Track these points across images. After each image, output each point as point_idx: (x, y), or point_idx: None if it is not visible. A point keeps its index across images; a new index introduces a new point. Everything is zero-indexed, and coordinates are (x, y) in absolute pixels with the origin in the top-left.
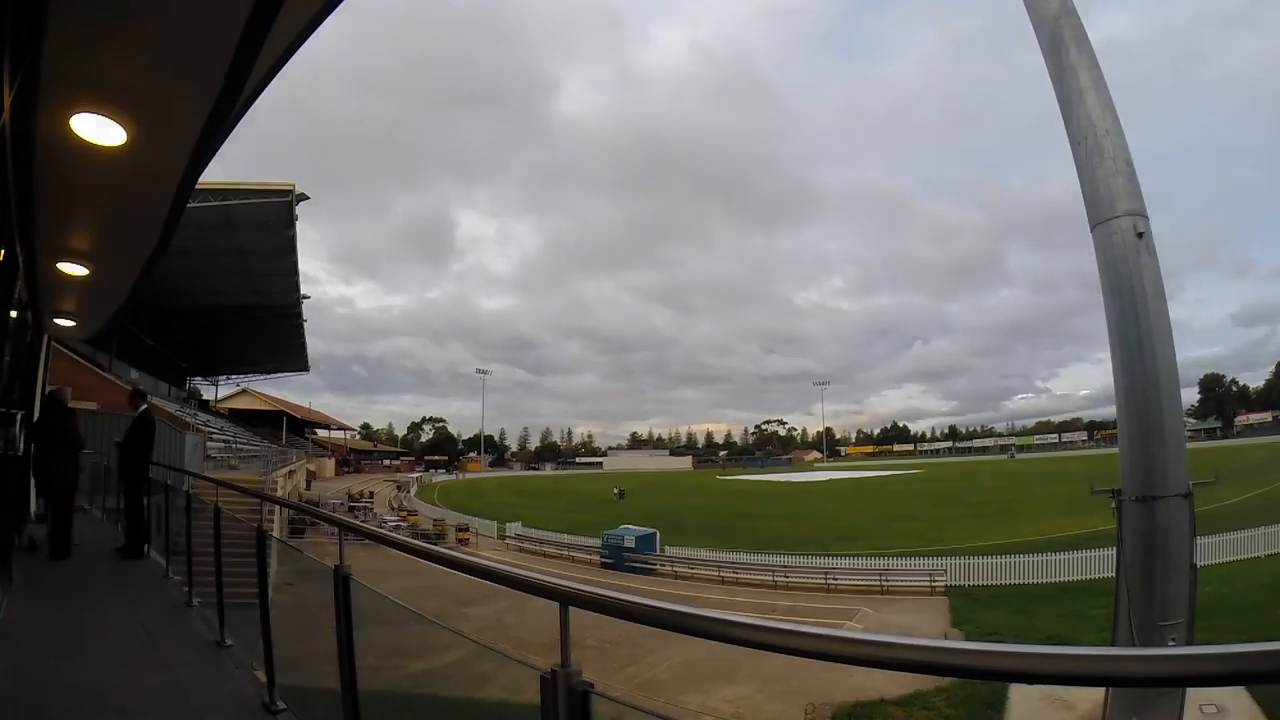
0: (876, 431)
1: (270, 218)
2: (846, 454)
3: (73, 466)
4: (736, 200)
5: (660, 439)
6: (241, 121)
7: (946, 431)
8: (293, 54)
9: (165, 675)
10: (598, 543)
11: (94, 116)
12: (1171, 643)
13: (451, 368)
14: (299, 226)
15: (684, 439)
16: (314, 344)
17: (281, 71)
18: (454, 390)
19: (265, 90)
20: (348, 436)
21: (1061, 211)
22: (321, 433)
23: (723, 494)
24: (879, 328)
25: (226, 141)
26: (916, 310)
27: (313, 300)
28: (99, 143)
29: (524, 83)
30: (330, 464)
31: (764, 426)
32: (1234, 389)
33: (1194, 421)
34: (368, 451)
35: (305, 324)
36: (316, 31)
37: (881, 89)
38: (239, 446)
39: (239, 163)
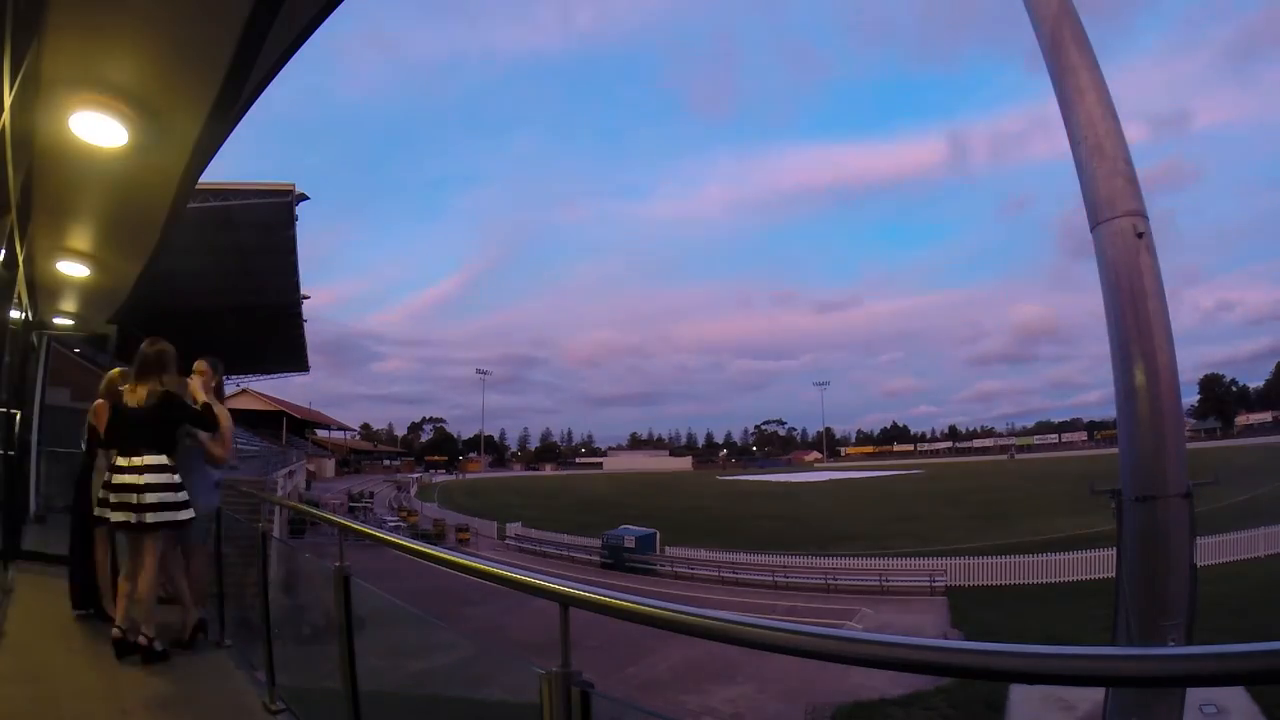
0: (876, 431)
1: (270, 218)
2: (846, 454)
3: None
4: None
5: (660, 439)
6: (241, 121)
7: (946, 431)
8: (293, 54)
9: (165, 675)
10: (598, 543)
11: (94, 116)
12: (1171, 643)
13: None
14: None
15: (684, 439)
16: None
17: (281, 71)
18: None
19: (265, 90)
20: (348, 437)
21: None
22: (321, 433)
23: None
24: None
25: (227, 141)
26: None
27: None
28: (99, 143)
29: None
30: (330, 464)
31: (764, 427)
32: (1234, 389)
33: (1194, 421)
34: (368, 452)
35: (305, 324)
36: (316, 32)
37: None
38: (239, 446)
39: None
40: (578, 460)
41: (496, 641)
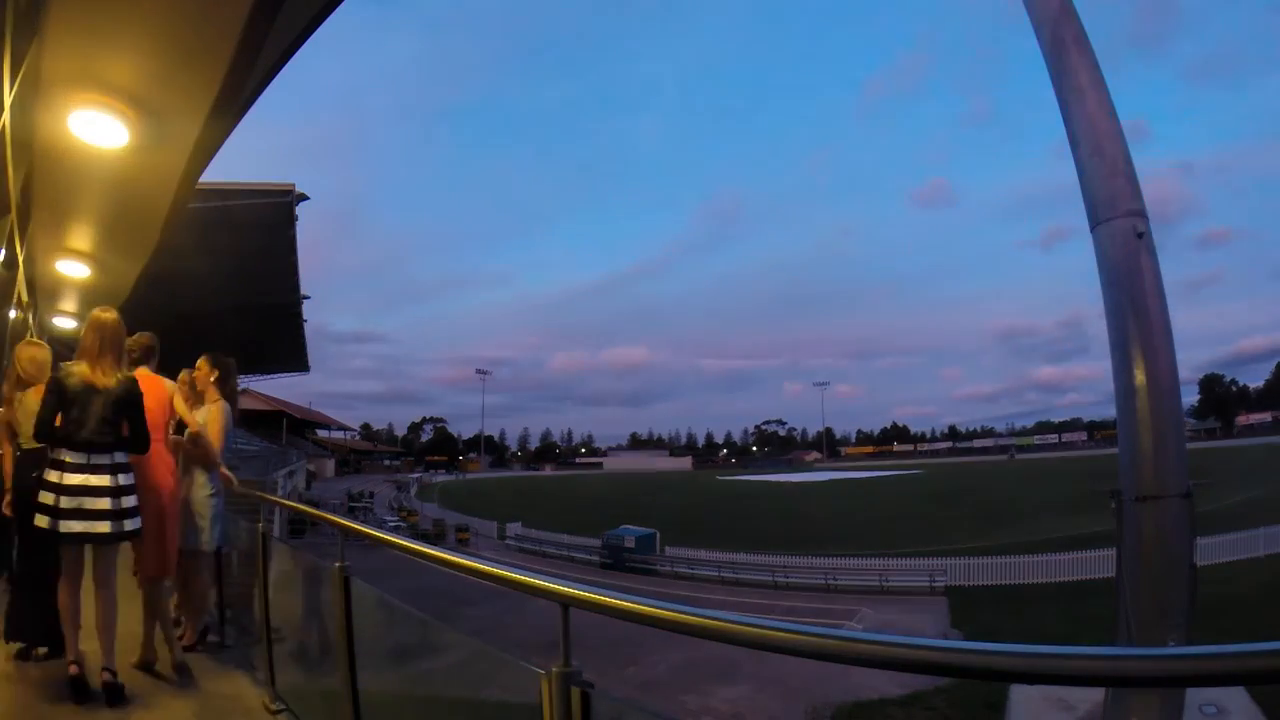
0: (876, 431)
1: (270, 218)
2: (846, 454)
3: None
4: None
5: (660, 439)
6: (241, 121)
7: (946, 431)
8: (293, 54)
9: (165, 676)
10: (598, 543)
11: (94, 116)
12: (1171, 643)
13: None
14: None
15: (684, 438)
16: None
17: (281, 71)
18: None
19: (265, 90)
20: (348, 437)
21: None
22: (321, 433)
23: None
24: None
25: (227, 141)
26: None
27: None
28: (99, 143)
29: None
30: (330, 464)
31: (764, 427)
32: (1234, 389)
33: (1194, 421)
34: (367, 452)
35: (305, 324)
36: (316, 32)
37: None
38: (239, 446)
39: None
40: (578, 460)
41: (497, 641)
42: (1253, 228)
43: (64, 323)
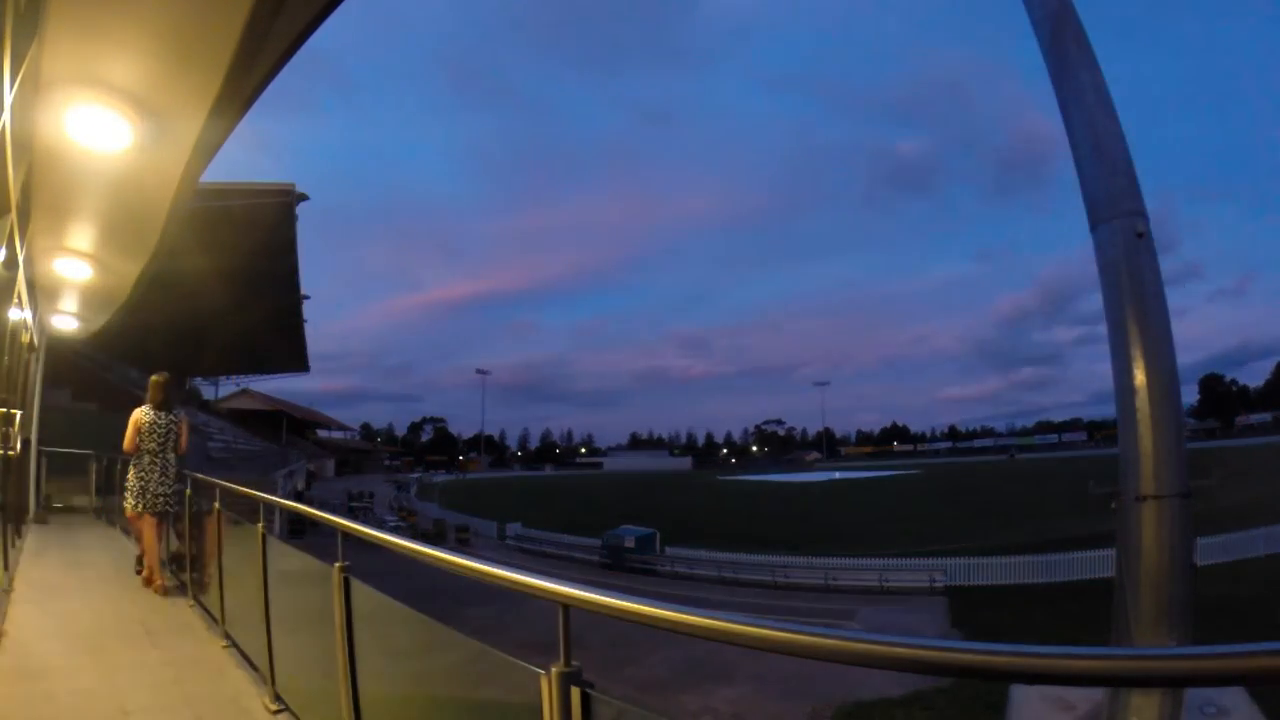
0: (876, 431)
1: (270, 218)
2: (845, 454)
3: None
4: None
5: (660, 439)
6: (241, 121)
7: (946, 431)
8: (293, 54)
9: (165, 675)
10: (598, 543)
11: (94, 116)
12: (1171, 643)
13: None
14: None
15: (684, 438)
16: None
17: (281, 71)
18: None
19: (265, 90)
20: (347, 437)
21: None
22: (321, 433)
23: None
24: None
25: (227, 141)
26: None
27: None
28: (99, 143)
29: None
30: (330, 464)
31: (763, 426)
32: (1234, 389)
33: (1194, 421)
34: (367, 452)
35: (306, 324)
36: (316, 31)
37: None
38: (239, 447)
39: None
40: (578, 460)
41: (496, 642)
42: None
43: (64, 323)
